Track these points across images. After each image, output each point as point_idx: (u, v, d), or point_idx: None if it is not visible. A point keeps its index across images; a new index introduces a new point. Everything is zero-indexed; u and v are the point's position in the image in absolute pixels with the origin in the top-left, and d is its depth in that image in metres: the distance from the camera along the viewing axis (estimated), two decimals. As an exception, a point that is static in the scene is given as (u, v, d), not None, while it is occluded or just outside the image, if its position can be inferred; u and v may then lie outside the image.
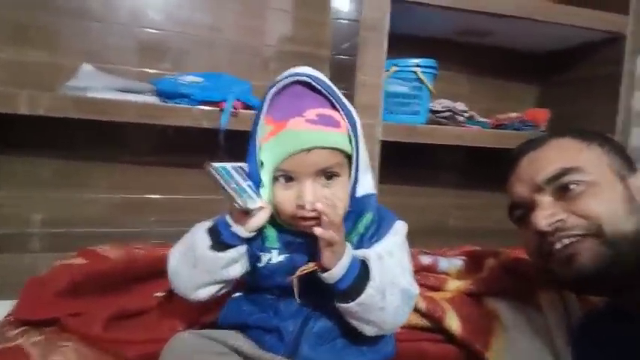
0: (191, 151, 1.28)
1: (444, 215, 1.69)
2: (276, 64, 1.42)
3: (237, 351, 0.62)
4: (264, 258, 0.64)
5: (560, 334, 0.69)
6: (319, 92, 0.62)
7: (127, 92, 1.13)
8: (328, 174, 0.61)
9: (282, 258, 0.64)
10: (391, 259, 0.62)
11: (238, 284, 0.69)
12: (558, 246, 0.63)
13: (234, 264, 0.63)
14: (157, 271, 0.79)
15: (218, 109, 1.10)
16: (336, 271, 0.58)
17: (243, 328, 0.66)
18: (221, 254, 0.61)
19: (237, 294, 0.70)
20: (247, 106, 1.14)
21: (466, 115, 1.38)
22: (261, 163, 0.62)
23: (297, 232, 0.63)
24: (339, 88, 0.66)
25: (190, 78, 1.16)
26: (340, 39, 1.39)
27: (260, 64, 1.42)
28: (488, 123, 1.45)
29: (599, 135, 0.73)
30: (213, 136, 1.10)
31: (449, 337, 0.72)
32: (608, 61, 1.39)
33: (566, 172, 0.66)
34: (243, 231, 0.61)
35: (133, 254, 0.94)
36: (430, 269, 0.97)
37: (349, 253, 0.59)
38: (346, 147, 0.62)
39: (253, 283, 0.67)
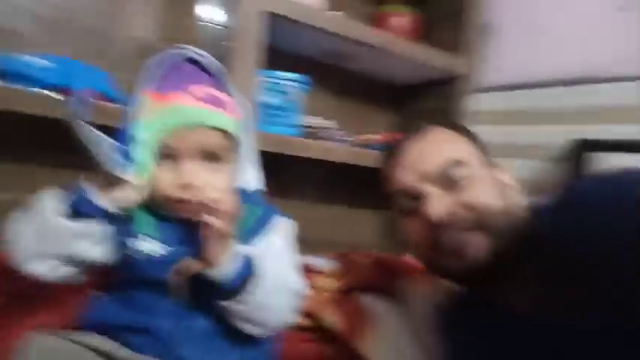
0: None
1: (304, 227, 1.72)
2: (136, 60, 1.32)
3: (108, 356, 0.54)
4: (133, 244, 0.57)
5: (426, 324, 0.74)
6: (209, 73, 0.59)
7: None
8: (212, 157, 0.58)
9: (153, 246, 0.57)
10: (278, 256, 0.60)
11: (100, 283, 0.59)
12: (448, 238, 0.63)
13: (85, 240, 0.54)
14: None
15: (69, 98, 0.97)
16: (224, 268, 0.54)
17: (108, 329, 0.57)
18: (70, 223, 0.53)
19: (100, 293, 0.61)
20: (106, 99, 1.03)
21: (333, 132, 1.45)
22: (135, 140, 0.56)
23: (173, 219, 0.58)
24: None
25: (38, 60, 1.01)
26: (209, 43, 1.35)
27: (118, 57, 1.30)
28: (353, 142, 1.54)
29: (465, 128, 0.75)
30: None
31: (328, 335, 0.72)
32: (450, 97, 1.59)
33: (454, 163, 0.66)
34: (106, 202, 0.54)
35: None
36: (306, 270, 0.96)
37: (236, 249, 0.56)
38: (233, 131, 0.60)
39: (121, 276, 0.59)
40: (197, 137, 0.57)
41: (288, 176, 1.54)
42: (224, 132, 0.59)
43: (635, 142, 1.16)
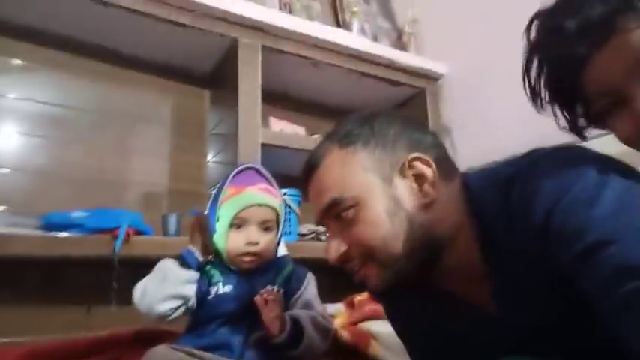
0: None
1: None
2: (159, 202, 1.58)
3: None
4: (213, 290, 0.87)
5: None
6: (263, 177, 0.97)
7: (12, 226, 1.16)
8: (265, 227, 0.93)
9: (227, 289, 0.88)
10: (313, 306, 0.91)
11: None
12: (352, 272, 0.66)
13: (190, 284, 0.87)
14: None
15: (110, 236, 1.19)
16: (282, 336, 0.82)
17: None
18: (184, 271, 0.87)
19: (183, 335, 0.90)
20: (139, 232, 1.24)
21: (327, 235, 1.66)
22: (218, 218, 0.91)
23: (236, 270, 0.92)
24: None
25: (78, 213, 1.24)
26: (217, 177, 1.62)
27: (145, 201, 1.56)
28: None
29: (367, 127, 0.67)
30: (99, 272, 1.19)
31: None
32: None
33: (334, 202, 0.63)
34: (200, 255, 0.90)
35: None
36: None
37: (286, 318, 0.84)
38: (280, 211, 0.95)
39: (199, 316, 0.88)
40: (260, 212, 0.92)
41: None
42: (274, 210, 0.94)
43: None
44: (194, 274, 0.88)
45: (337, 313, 1.24)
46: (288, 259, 0.99)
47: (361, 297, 1.30)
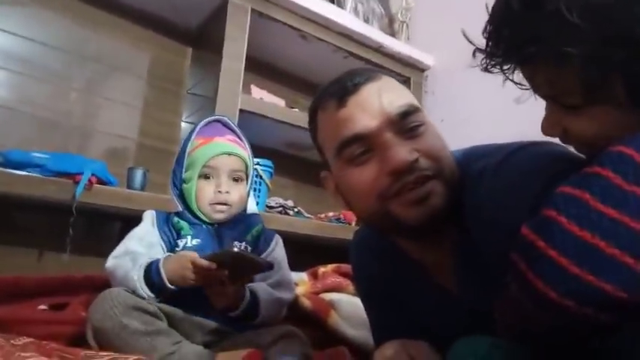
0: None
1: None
2: (126, 155, 1.53)
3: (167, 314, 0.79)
4: (181, 243, 0.86)
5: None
6: (231, 129, 0.97)
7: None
8: (235, 177, 0.91)
9: (194, 242, 0.86)
10: (281, 268, 0.92)
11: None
12: (412, 186, 0.58)
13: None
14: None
15: (72, 181, 1.14)
16: (237, 312, 0.82)
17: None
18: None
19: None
20: (102, 182, 1.20)
21: (295, 209, 1.65)
22: (186, 169, 0.90)
23: (205, 222, 0.92)
24: None
25: (40, 154, 1.18)
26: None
27: (111, 152, 1.51)
28: (313, 218, 1.74)
29: None
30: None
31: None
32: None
33: (413, 109, 0.61)
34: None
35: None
36: None
37: (243, 294, 0.83)
38: (248, 162, 0.94)
39: None
40: (229, 161, 0.92)
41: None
42: (243, 160, 0.94)
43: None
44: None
45: (300, 281, 1.24)
46: (258, 218, 0.99)
47: (325, 269, 1.30)
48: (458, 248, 0.63)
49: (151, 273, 0.78)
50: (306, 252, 1.73)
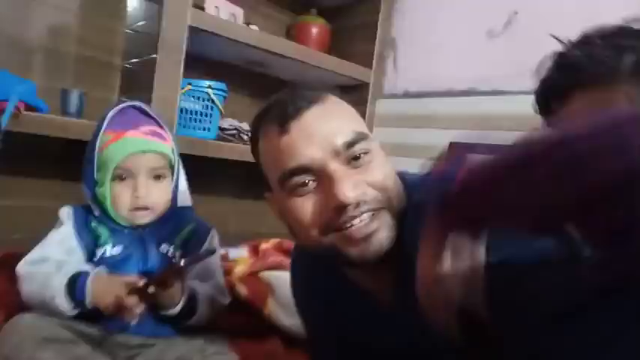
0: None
1: (224, 221, 1.86)
2: (58, 65, 1.37)
3: (87, 336, 0.71)
4: (99, 252, 0.77)
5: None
6: (149, 116, 0.81)
7: None
8: (156, 175, 0.80)
9: (115, 251, 0.77)
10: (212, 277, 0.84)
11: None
12: (357, 222, 0.56)
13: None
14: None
15: (-5, 108, 1.02)
16: (174, 311, 0.76)
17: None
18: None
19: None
20: (31, 108, 1.08)
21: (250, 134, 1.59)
22: (98, 168, 0.78)
23: (127, 226, 0.80)
24: (133, 99, 0.84)
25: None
26: (134, 50, 1.42)
27: (41, 64, 1.34)
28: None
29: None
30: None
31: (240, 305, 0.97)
32: (356, 102, 1.78)
33: (360, 137, 0.58)
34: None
35: None
36: (224, 258, 1.22)
37: (179, 294, 0.76)
38: (171, 155, 0.82)
39: None
40: (146, 160, 0.79)
41: (209, 175, 1.67)
42: (162, 154, 0.81)
43: (498, 146, 1.41)
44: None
45: (240, 260, 1.20)
46: (189, 214, 0.89)
47: (267, 245, 1.27)
48: (398, 270, 0.61)
49: (75, 288, 0.71)
50: (257, 179, 1.71)
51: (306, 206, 0.58)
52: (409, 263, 0.55)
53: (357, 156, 0.58)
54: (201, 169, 1.58)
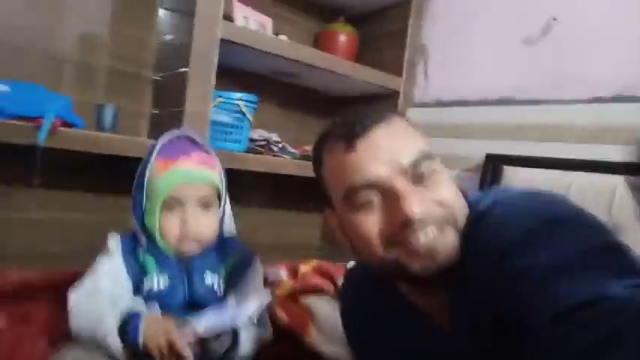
0: None
1: (254, 232, 1.85)
2: (90, 78, 1.37)
3: None
4: (146, 285, 0.77)
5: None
6: (197, 144, 0.82)
7: None
8: (204, 203, 0.80)
9: (163, 285, 0.77)
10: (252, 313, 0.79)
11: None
12: (423, 237, 0.56)
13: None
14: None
15: (32, 124, 1.03)
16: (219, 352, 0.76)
17: None
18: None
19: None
20: (67, 124, 1.09)
21: (280, 145, 1.57)
22: (147, 197, 0.78)
23: (172, 258, 0.80)
24: (165, 113, 0.79)
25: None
26: (165, 63, 1.42)
27: (73, 77, 1.35)
28: (297, 152, 1.67)
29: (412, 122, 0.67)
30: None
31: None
32: (387, 110, 1.75)
33: (425, 156, 0.59)
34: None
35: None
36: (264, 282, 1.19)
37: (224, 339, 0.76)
38: (218, 184, 0.82)
39: None
40: (195, 190, 0.79)
41: (240, 186, 1.66)
42: (211, 183, 0.81)
43: (535, 158, 1.37)
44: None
45: (280, 283, 1.18)
46: (235, 243, 0.88)
47: (306, 267, 1.25)
48: (456, 292, 0.60)
49: (128, 329, 0.70)
50: (287, 190, 1.70)
51: (370, 221, 0.59)
52: (469, 282, 0.57)
53: (422, 174, 0.59)
54: (229, 181, 1.58)
